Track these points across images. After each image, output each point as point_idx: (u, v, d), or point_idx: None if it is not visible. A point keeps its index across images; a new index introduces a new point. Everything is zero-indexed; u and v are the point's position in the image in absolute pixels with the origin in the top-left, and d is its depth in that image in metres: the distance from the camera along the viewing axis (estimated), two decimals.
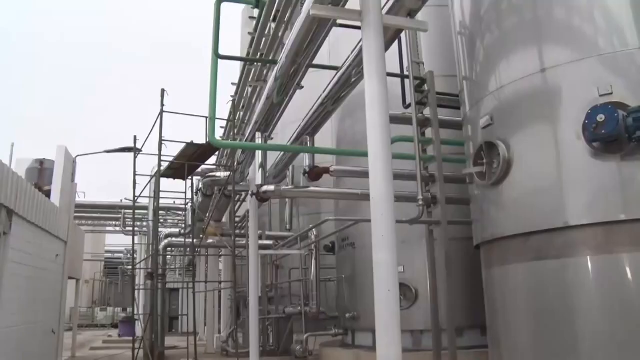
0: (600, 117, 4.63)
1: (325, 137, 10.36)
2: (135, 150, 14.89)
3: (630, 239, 4.65)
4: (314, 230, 11.88)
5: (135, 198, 14.60)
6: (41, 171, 17.16)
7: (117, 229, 29.02)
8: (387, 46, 5.66)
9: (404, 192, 7.16)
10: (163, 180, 13.93)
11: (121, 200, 26.32)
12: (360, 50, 4.84)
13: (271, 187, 8.15)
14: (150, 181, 15.86)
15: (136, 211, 16.03)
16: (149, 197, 16.77)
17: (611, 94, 4.82)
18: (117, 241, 40.51)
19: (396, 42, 7.12)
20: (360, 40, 4.60)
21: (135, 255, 19.12)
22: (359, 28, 4.59)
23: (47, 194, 14.00)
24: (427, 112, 7.37)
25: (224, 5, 8.44)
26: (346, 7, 5.05)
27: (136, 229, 17.86)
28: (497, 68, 5.93)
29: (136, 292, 16.17)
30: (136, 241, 17.44)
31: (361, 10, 4.41)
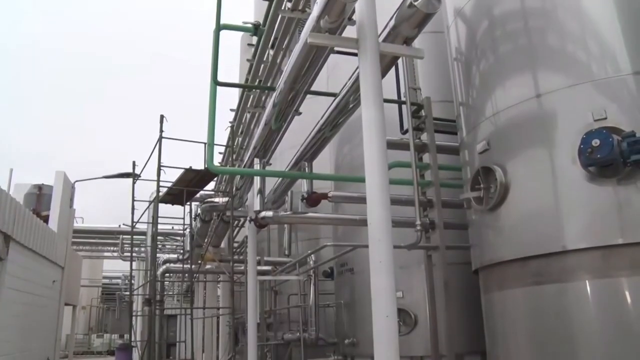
0: (595, 142, 4.67)
1: (324, 162, 10.40)
2: (133, 176, 14.93)
3: (628, 262, 4.65)
4: (312, 255, 11.82)
5: (134, 223, 14.58)
6: (39, 196, 17.19)
7: (115, 254, 28.94)
8: (384, 73, 5.73)
9: (402, 218, 7.16)
10: (161, 205, 13.93)
11: (119, 226, 26.27)
12: (358, 77, 4.90)
13: (269, 213, 8.15)
14: (148, 207, 15.85)
15: (134, 236, 15.98)
16: (148, 222, 16.74)
17: (605, 118, 4.88)
18: (114, 267, 40.32)
19: (393, 68, 7.21)
20: (358, 67, 4.65)
21: (132, 281, 19.03)
22: (356, 54, 4.67)
23: (45, 219, 14.00)
24: (424, 137, 7.42)
25: (223, 32, 8.54)
26: (343, 34, 5.13)
27: (134, 254, 17.80)
28: (493, 94, 5.99)
29: (133, 318, 16.03)
30: (134, 267, 17.41)
31: (358, 38, 4.48)
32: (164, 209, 14.63)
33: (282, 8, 6.80)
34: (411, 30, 5.08)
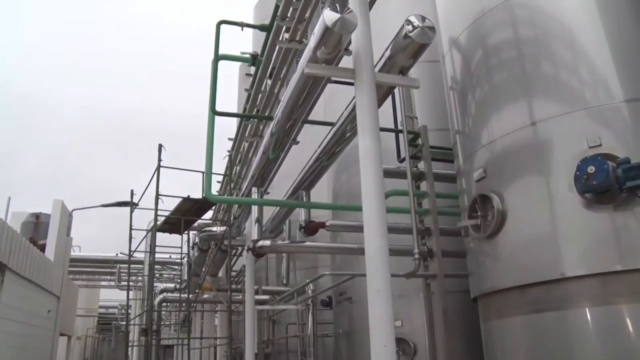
0: (591, 169, 4.71)
1: (322, 190, 10.42)
2: (131, 205, 14.90)
3: (628, 289, 4.64)
4: (310, 284, 11.76)
5: (131, 252, 14.50)
6: (36, 225, 17.14)
7: (112, 283, 28.69)
8: (380, 102, 5.79)
9: (400, 246, 7.15)
10: (159, 234, 13.88)
11: (117, 255, 26.09)
12: (354, 107, 4.95)
13: (267, 242, 8.15)
14: (146, 235, 15.80)
15: (131, 265, 15.89)
16: (145, 251, 16.66)
17: (600, 145, 4.93)
18: (111, 296, 39.94)
19: (390, 96, 7.28)
20: (354, 97, 4.70)
21: (129, 311, 18.84)
22: (353, 84, 4.72)
23: (42, 248, 13.93)
24: (421, 165, 7.46)
25: (221, 62, 8.64)
26: (340, 65, 5.20)
27: (131, 283, 17.68)
28: (488, 122, 6.04)
29: (130, 349, 15.83)
30: (131, 296, 17.22)
31: (354, 68, 4.54)
32: (162, 237, 14.58)
33: (280, 39, 6.90)
34: (407, 60, 5.16)
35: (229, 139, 11.92)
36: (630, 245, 4.68)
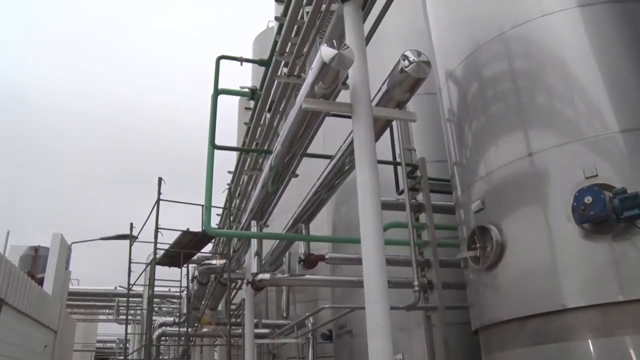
0: (588, 199, 4.73)
1: (322, 222, 10.42)
2: (131, 238, 14.89)
3: (630, 320, 4.61)
4: (310, 318, 11.68)
5: (130, 286, 14.43)
6: (35, 258, 17.09)
7: (110, 317, 28.44)
8: (378, 136, 5.85)
9: (400, 278, 7.14)
10: (158, 267, 13.84)
11: (115, 288, 25.94)
12: (352, 140, 5.00)
13: (266, 276, 8.13)
14: (145, 269, 15.74)
15: (130, 299, 15.79)
16: (144, 284, 16.58)
17: (596, 175, 4.96)
18: (109, 330, 39.46)
19: (388, 129, 7.35)
20: (352, 131, 4.76)
21: (127, 345, 18.64)
22: (351, 117, 4.78)
23: (40, 281, 13.85)
24: (420, 197, 7.48)
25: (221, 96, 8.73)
26: (337, 99, 5.27)
27: (130, 317, 17.53)
28: (486, 153, 6.09)
29: None
30: (129, 330, 17.08)
31: (351, 103, 4.60)
32: (161, 271, 14.57)
33: (279, 73, 6.99)
34: (403, 94, 5.23)
35: (229, 171, 11.97)
36: (631, 275, 4.67)
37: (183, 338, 15.06)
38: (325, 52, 4.42)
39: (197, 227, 12.34)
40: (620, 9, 5.76)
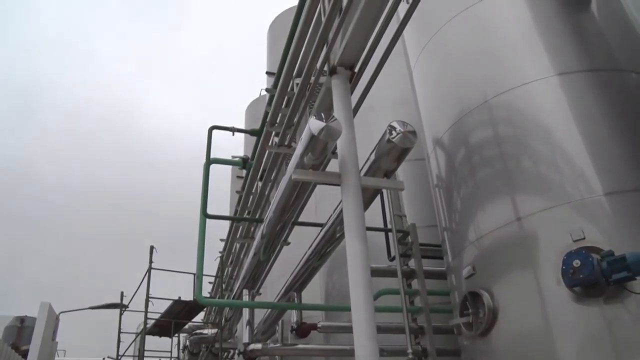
0: (576, 263, 4.77)
1: (315, 288, 10.33)
2: (121, 307, 14.64)
3: None
4: None
5: (119, 357, 14.06)
6: (21, 329, 16.71)
7: None
8: (368, 204, 5.92)
9: (394, 346, 7.03)
10: (148, 337, 13.56)
11: (104, 359, 25.23)
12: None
13: (258, 346, 7.98)
14: (135, 339, 15.40)
15: None
16: (134, 355, 16.17)
17: (584, 238, 5.02)
18: None
19: (379, 195, 7.42)
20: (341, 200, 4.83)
21: None
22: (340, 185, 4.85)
23: (25, 353, 13.47)
24: (411, 263, 7.48)
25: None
26: (327, 169, 5.37)
27: None
28: (475, 218, 6.16)
29: None
30: None
31: (340, 173, 4.70)
32: (151, 340, 14.25)
33: (270, 143, 7.14)
34: (391, 163, 5.33)
35: (221, 239, 11.97)
36: (626, 338, 4.66)
37: None
38: (314, 124, 4.54)
39: (188, 293, 12.21)
40: (597, 77, 6.01)
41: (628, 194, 5.22)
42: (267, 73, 18.56)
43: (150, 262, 13.07)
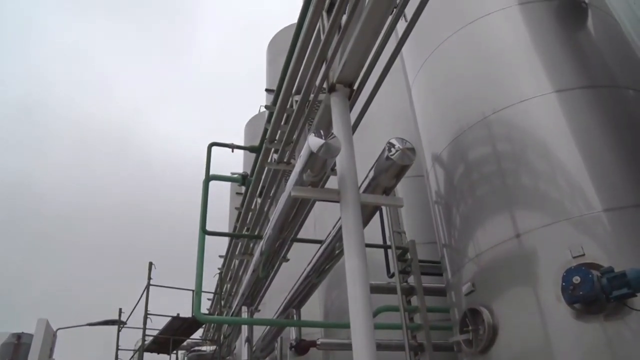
0: (576, 279, 4.74)
1: (314, 305, 10.28)
2: (119, 323, 14.57)
3: None
4: None
5: None
6: (17, 346, 16.60)
7: None
8: (367, 221, 5.92)
9: None
10: (147, 354, 13.46)
11: None
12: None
13: None
14: (133, 356, 15.30)
15: None
16: None
17: (583, 255, 4.99)
18: None
19: (378, 212, 7.41)
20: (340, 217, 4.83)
21: None
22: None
23: None
24: (411, 280, 7.45)
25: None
26: (326, 185, 5.37)
27: None
28: (474, 235, 6.14)
29: None
30: None
31: (339, 190, 4.70)
32: (150, 358, 14.15)
33: (269, 160, 7.15)
34: (390, 180, 5.34)
35: (220, 256, 11.94)
36: (626, 356, 4.62)
37: None
38: (313, 141, 4.55)
39: (187, 309, 12.15)
40: (594, 94, 6.04)
41: (627, 209, 5.22)
42: (267, 90, 18.65)
43: (149, 278, 13.03)
